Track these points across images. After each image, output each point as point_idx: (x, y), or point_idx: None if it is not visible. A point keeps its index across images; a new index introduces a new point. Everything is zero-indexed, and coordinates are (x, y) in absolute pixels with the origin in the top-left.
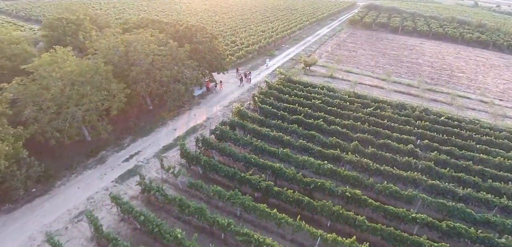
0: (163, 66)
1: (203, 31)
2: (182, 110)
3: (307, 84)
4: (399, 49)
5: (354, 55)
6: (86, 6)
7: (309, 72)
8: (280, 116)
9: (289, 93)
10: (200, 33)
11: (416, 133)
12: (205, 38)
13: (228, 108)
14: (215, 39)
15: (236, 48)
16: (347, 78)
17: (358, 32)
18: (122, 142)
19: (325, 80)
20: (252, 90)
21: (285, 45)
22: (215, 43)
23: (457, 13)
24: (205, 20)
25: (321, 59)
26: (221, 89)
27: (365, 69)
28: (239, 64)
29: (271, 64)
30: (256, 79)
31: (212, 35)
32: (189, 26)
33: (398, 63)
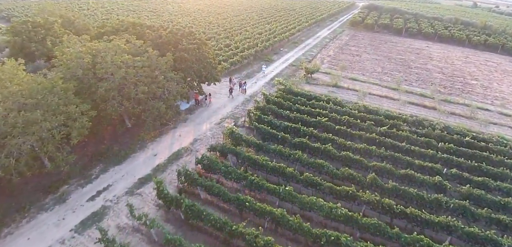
0: (140, 81)
1: (190, 36)
2: (166, 129)
3: (310, 96)
4: (405, 53)
5: (358, 60)
6: (69, 7)
7: (311, 80)
8: (281, 139)
9: (291, 108)
10: (187, 38)
11: (441, 158)
12: (193, 44)
13: (219, 126)
14: (205, 45)
15: (230, 53)
16: (354, 87)
17: (360, 34)
18: (90, 172)
19: (329, 90)
20: (247, 102)
21: (284, 49)
22: (204, 50)
23: (458, 13)
24: (198, 21)
25: (323, 65)
26: (210, 102)
27: (371, 76)
28: (233, 71)
29: (269, 71)
30: (252, 89)
31: (200, 40)
32: (173, 30)
33: (406, 69)
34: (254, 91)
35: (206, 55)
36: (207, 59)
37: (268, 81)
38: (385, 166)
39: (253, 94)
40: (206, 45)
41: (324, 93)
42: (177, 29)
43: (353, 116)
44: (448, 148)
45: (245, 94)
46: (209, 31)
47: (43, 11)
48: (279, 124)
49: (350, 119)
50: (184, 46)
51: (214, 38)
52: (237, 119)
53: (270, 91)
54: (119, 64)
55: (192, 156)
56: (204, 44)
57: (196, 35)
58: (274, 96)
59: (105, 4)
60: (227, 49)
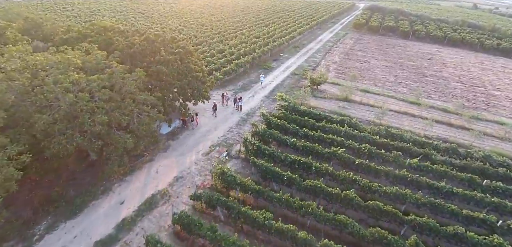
0: (98, 107)
1: (172, 43)
2: (140, 163)
3: (319, 115)
4: (416, 59)
5: (367, 67)
6: (52, 8)
7: (317, 93)
8: (287, 180)
9: (297, 133)
10: (168, 47)
11: (490, 203)
12: (174, 54)
13: (208, 158)
14: (190, 55)
15: (224, 60)
16: (367, 102)
17: (364, 37)
18: (32, 230)
19: (339, 106)
20: (243, 123)
21: (284, 55)
22: (190, 61)
23: (461, 15)
24: (189, 23)
25: (329, 73)
26: (197, 124)
27: (385, 86)
28: (227, 82)
29: (268, 82)
30: (249, 104)
31: (185, 49)
32: (150, 37)
33: (421, 77)
34: (251, 108)
35: (191, 68)
36: (193, 73)
37: (267, 94)
38: (427, 222)
39: (250, 111)
40: (191, 55)
41: (334, 109)
42: (155, 35)
43: (375, 144)
44: (496, 188)
45: (241, 111)
46: (200, 35)
47: (7, 13)
48: (284, 158)
49: (371, 149)
50: (162, 57)
51: (206, 43)
52: (230, 147)
53: (270, 107)
54: (67, 86)
55: (170, 205)
56: (189, 54)
57: (180, 41)
58: (276, 117)
59: (92, 5)
60: (221, 56)
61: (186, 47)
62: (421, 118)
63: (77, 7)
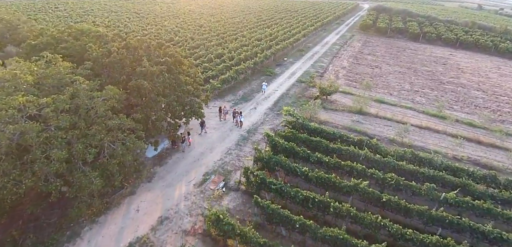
0: (55, 138)
1: (159, 50)
2: (118, 197)
3: (333, 134)
4: (429, 63)
5: (379, 73)
6: (43, 9)
7: (327, 104)
8: (299, 226)
9: (307, 159)
10: (152, 55)
11: None
12: (160, 65)
13: (200, 191)
14: (180, 64)
15: (222, 66)
16: (384, 115)
17: (372, 39)
18: None
19: (353, 120)
20: (244, 142)
21: (288, 59)
22: (181, 70)
23: (466, 16)
24: (187, 24)
25: (338, 79)
26: (189, 144)
27: (400, 95)
28: (226, 91)
29: (271, 91)
30: (250, 118)
31: (174, 58)
32: (130, 43)
33: (438, 85)
34: (253, 123)
35: (181, 80)
36: (183, 86)
37: (271, 105)
38: None
39: (251, 127)
40: (182, 64)
41: (348, 124)
42: (138, 41)
43: (401, 171)
44: None
45: (241, 127)
46: (198, 37)
47: None
48: (294, 194)
49: (399, 180)
50: (145, 69)
51: (203, 46)
52: (228, 175)
53: (275, 122)
54: (11, 113)
55: None
56: (179, 63)
57: (169, 48)
58: (282, 136)
59: (85, 5)
60: (219, 61)
61: (176, 55)
62: (446, 135)
63: (70, 7)
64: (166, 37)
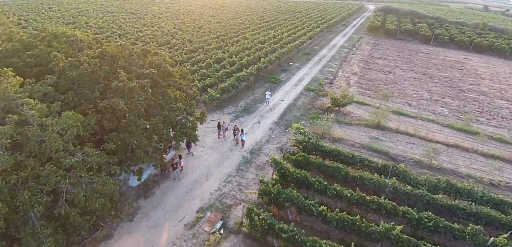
0: None
1: (143, 59)
2: (90, 242)
3: (352, 157)
4: (445, 68)
5: (394, 80)
6: (36, 9)
7: (341, 116)
8: None
9: (324, 191)
10: (133, 66)
11: None
12: (143, 77)
13: (193, 233)
14: (168, 76)
15: (222, 72)
16: (406, 130)
17: (382, 42)
18: None
19: (372, 137)
20: (246, 166)
21: (294, 63)
22: (170, 82)
23: (473, 17)
24: (185, 25)
25: (350, 87)
26: (181, 170)
27: (420, 106)
28: (226, 101)
29: (277, 101)
30: (253, 135)
31: (161, 68)
32: (106, 52)
33: (457, 93)
34: (256, 141)
35: (170, 96)
36: (172, 103)
37: (277, 119)
38: None
39: (255, 146)
40: (170, 76)
41: (366, 141)
42: (117, 48)
43: (436, 207)
44: None
45: (243, 146)
46: (197, 40)
47: None
48: (311, 245)
49: (438, 221)
50: (122, 85)
51: (202, 50)
52: (227, 211)
53: (282, 140)
54: None
55: None
56: (166, 75)
57: (156, 56)
58: (292, 159)
59: (80, 5)
60: (219, 67)
61: (163, 65)
62: (477, 154)
63: (64, 7)
64: (162, 39)
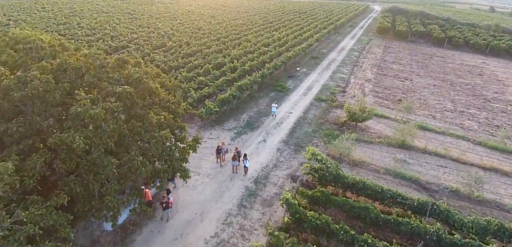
0: None
1: (118, 73)
2: None
3: (381, 192)
4: (464, 74)
5: (411, 87)
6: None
7: (358, 132)
8: None
9: (351, 242)
10: (102, 82)
11: None
12: (115, 99)
13: None
14: (152, 95)
15: (222, 80)
16: (435, 150)
17: (393, 44)
18: None
19: (397, 160)
20: (250, 201)
21: (301, 69)
22: (155, 101)
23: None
24: (184, 26)
25: (365, 96)
26: (171, 207)
27: (444, 118)
28: (226, 114)
29: (284, 113)
30: (258, 157)
31: (141, 84)
32: (66, 64)
33: (482, 102)
34: (262, 166)
35: (151, 121)
36: (153, 131)
37: (286, 136)
38: None
39: (260, 173)
40: (154, 94)
41: (391, 165)
42: (85, 57)
43: None
44: None
45: (246, 174)
46: (195, 42)
47: None
48: None
49: None
50: (82, 111)
51: (200, 53)
52: None
53: (292, 164)
54: None
55: None
56: (147, 93)
57: (138, 68)
58: (308, 194)
59: (75, 5)
60: (219, 73)
61: (144, 81)
62: None
63: (57, 7)
64: (157, 41)
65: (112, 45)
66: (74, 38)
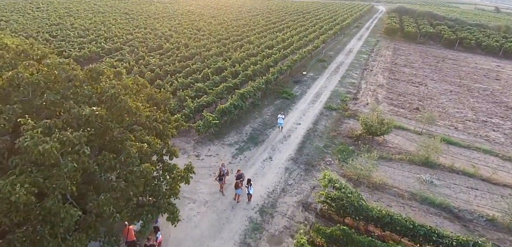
0: None
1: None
2: None
3: (410, 228)
4: (480, 78)
5: (427, 94)
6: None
7: (375, 146)
8: None
9: None
10: (68, 103)
11: None
12: (82, 125)
13: None
14: (131, 116)
15: (223, 86)
16: (463, 168)
17: (402, 46)
18: None
19: (422, 182)
20: (254, 234)
21: (308, 73)
22: (138, 121)
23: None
24: (183, 26)
25: (380, 104)
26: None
27: (467, 129)
28: (227, 127)
29: (291, 124)
30: (263, 180)
31: (116, 103)
32: (18, 79)
33: (505, 111)
34: (268, 190)
35: (129, 152)
36: (132, 165)
37: (294, 152)
38: None
39: (266, 200)
40: (134, 115)
41: (415, 187)
42: (48, 69)
43: None
44: None
45: (250, 201)
46: (194, 44)
47: None
48: None
49: None
50: (31, 144)
51: (199, 56)
52: None
53: (304, 189)
54: None
55: None
56: (126, 113)
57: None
58: (325, 233)
59: (71, 5)
60: (219, 79)
61: (121, 99)
62: None
63: (53, 7)
64: (153, 43)
65: (105, 47)
66: (65, 40)
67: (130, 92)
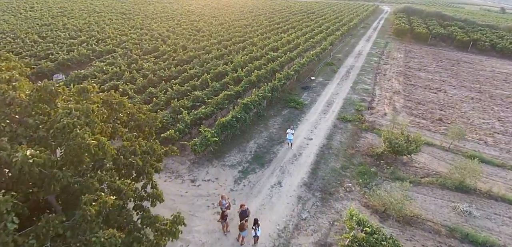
0: None
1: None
2: None
3: None
4: (501, 84)
5: (448, 101)
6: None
7: (400, 167)
8: None
9: None
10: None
11: None
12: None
13: None
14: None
15: (223, 95)
16: (503, 195)
17: (413, 47)
18: None
19: (459, 213)
20: None
21: (316, 78)
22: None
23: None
24: (182, 27)
25: (398, 114)
26: None
27: (497, 144)
28: (228, 142)
29: (301, 140)
30: (272, 213)
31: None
32: None
33: None
34: (277, 227)
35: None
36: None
37: (307, 176)
38: None
39: (276, 239)
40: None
41: (452, 221)
42: None
43: None
44: None
45: (256, 244)
46: (193, 46)
47: None
48: None
49: None
50: None
51: (198, 60)
52: None
53: (321, 225)
54: None
55: None
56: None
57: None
58: None
59: (66, 4)
60: (219, 86)
61: (78, 135)
62: None
63: (47, 7)
64: (149, 45)
65: (96, 50)
66: (54, 42)
67: (96, 118)
